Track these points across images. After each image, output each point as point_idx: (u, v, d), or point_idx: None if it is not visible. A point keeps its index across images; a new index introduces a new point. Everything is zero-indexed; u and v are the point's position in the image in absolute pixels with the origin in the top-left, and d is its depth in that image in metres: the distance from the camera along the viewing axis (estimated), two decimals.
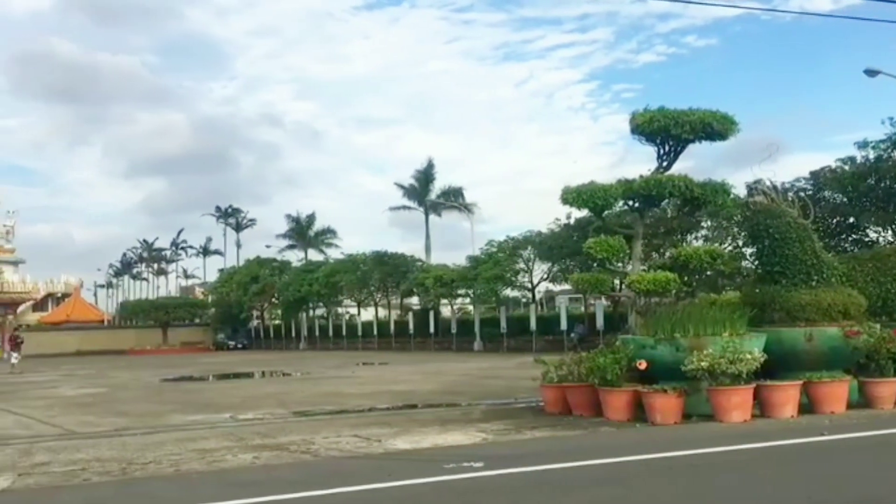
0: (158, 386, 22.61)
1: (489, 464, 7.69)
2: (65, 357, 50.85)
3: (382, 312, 56.23)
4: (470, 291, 43.78)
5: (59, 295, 79.87)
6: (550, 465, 7.64)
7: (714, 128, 13.09)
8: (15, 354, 32.85)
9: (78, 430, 12.03)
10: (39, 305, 76.81)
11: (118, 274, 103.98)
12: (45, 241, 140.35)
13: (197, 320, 70.90)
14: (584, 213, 18.30)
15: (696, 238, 32.64)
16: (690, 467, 7.62)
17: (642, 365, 10.77)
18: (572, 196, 13.60)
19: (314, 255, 66.71)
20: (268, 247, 70.56)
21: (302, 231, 68.43)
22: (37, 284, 77.85)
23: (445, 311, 50.31)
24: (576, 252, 33.99)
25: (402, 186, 59.35)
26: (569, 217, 35.08)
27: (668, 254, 23.49)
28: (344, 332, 54.30)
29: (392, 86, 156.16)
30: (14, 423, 13.21)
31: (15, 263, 79.54)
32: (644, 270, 13.97)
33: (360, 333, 51.71)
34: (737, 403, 10.15)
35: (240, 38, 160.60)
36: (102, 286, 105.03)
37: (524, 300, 48.08)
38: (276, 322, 65.64)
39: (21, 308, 66.59)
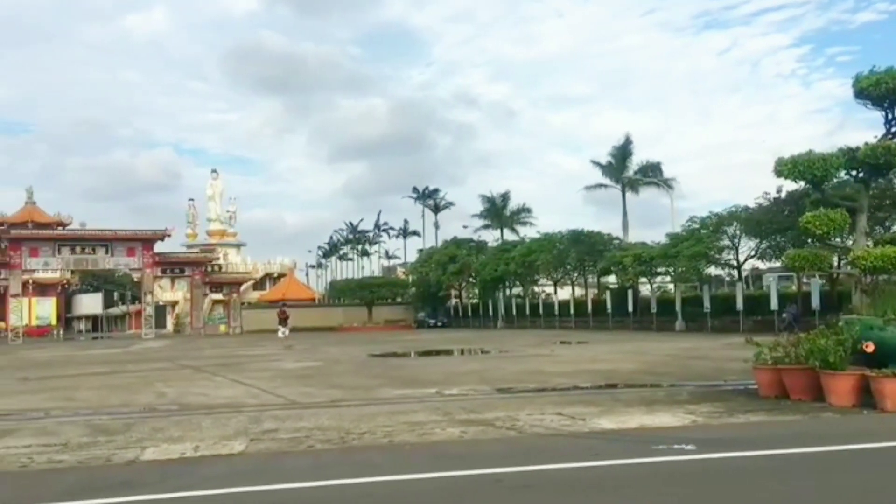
0: (367, 361, 23.73)
1: (701, 447, 7.42)
2: None
3: (579, 291, 55.82)
4: (670, 270, 42.47)
5: (276, 275, 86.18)
6: (769, 451, 7.26)
7: None
8: (282, 329, 35.43)
9: (299, 400, 12.87)
10: (258, 285, 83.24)
11: (326, 255, 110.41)
12: (262, 225, 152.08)
13: (399, 299, 73.77)
14: (798, 185, 17.17)
15: None
16: None
17: (869, 347, 9.96)
18: (787, 168, 12.73)
19: (509, 235, 67.36)
20: (464, 227, 72.17)
21: (497, 211, 69.22)
22: (256, 265, 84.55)
23: (644, 289, 49.13)
24: (787, 227, 32.03)
25: (598, 164, 58.44)
26: (779, 190, 33.00)
27: None
28: (540, 311, 54.49)
29: (586, 63, 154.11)
30: (244, 393, 14.34)
31: (237, 246, 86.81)
32: (869, 246, 12.85)
33: (556, 312, 51.65)
34: None
35: (436, 25, 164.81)
36: (313, 266, 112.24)
37: (728, 278, 45.90)
38: (474, 301, 66.98)
39: (243, 287, 72.22)
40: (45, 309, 79.96)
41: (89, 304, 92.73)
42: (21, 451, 8.49)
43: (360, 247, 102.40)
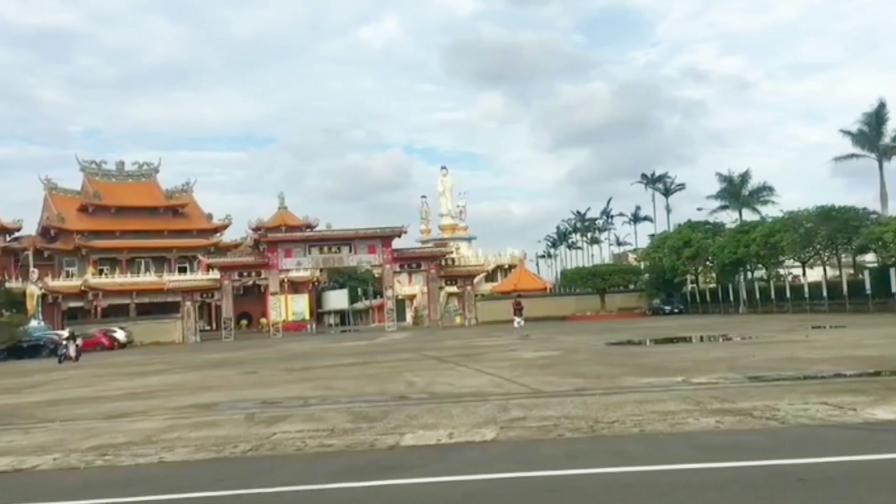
0: (605, 349, 23.39)
1: None
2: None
3: (831, 272, 51.61)
4: None
5: (506, 266, 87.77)
6: None
7: None
8: (518, 319, 36.24)
9: (543, 389, 12.90)
10: (490, 276, 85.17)
11: (554, 244, 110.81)
12: (490, 217, 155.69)
13: (631, 286, 72.25)
14: None
15: None
16: None
17: None
18: None
19: (748, 215, 63.66)
20: (699, 209, 69.15)
21: (735, 190, 65.58)
22: (487, 258, 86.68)
23: None
24: None
25: (848, 133, 53.66)
26: None
27: None
28: (787, 295, 50.98)
29: (827, 25, 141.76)
30: (488, 383, 14.62)
31: (468, 240, 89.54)
32: None
33: (806, 295, 48.10)
34: None
35: (660, 3, 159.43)
36: (542, 256, 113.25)
37: None
38: (711, 286, 64.11)
39: (476, 279, 74.13)
40: (300, 305, 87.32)
41: (337, 299, 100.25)
42: (295, 435, 9.23)
43: (589, 234, 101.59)
